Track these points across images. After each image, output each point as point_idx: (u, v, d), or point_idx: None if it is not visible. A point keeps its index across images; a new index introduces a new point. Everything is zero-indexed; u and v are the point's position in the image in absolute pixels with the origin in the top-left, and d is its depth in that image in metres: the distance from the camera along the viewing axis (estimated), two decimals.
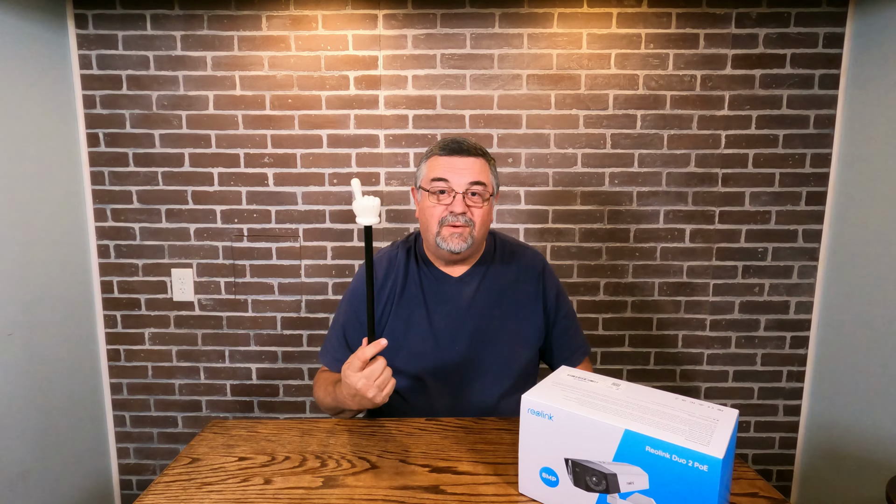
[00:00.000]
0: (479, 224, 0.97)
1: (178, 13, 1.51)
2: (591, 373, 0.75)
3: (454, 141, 0.98)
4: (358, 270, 1.10)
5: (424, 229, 1.00)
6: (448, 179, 0.95)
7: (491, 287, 1.04)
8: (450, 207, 0.95)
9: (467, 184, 0.95)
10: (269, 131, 1.56)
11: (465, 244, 0.96)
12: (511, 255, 1.08)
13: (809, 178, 1.57)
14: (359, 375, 0.82)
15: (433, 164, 0.98)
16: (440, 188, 0.96)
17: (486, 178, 0.97)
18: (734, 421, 0.61)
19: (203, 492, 0.72)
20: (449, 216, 0.95)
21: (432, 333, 1.01)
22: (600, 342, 1.65)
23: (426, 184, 0.98)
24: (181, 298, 1.63)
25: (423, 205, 0.99)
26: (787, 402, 1.66)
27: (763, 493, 0.70)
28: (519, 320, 1.04)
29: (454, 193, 0.95)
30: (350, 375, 0.83)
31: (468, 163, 0.96)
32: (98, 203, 1.59)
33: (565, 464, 0.64)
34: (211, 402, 1.68)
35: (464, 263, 1.04)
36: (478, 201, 0.96)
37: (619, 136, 1.56)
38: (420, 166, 1.02)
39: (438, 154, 0.98)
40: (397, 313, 1.02)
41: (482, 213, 0.97)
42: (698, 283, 1.62)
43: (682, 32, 1.52)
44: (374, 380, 0.82)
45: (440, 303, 1.02)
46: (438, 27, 1.51)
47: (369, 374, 0.82)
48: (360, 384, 0.82)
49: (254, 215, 1.60)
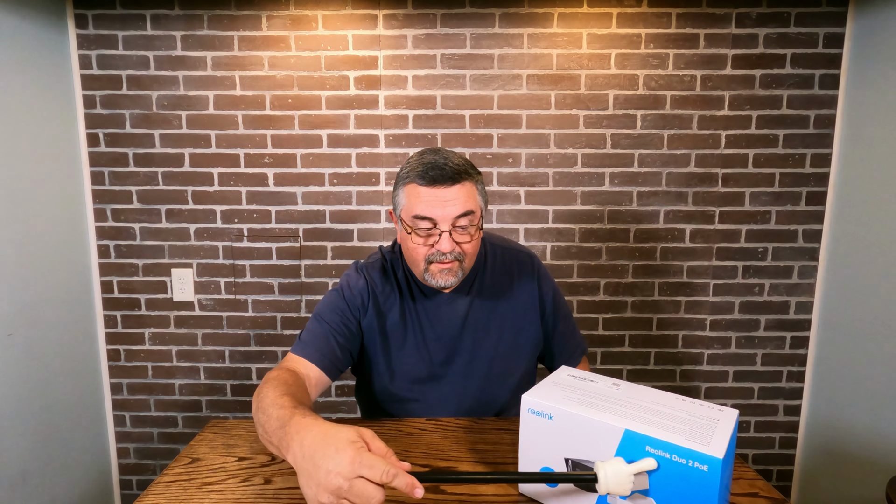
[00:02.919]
0: (470, 256, 0.89)
1: (178, 13, 1.51)
2: (591, 373, 0.75)
3: (434, 167, 0.83)
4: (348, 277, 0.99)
5: (410, 264, 0.91)
6: (432, 217, 0.83)
7: (484, 298, 0.98)
8: (437, 246, 0.85)
9: (453, 218, 0.84)
10: (269, 131, 1.56)
11: (454, 279, 0.88)
12: (503, 261, 1.01)
13: (809, 178, 1.57)
14: (354, 479, 0.53)
15: (412, 196, 0.85)
16: (425, 226, 0.85)
17: (473, 205, 0.86)
18: (734, 421, 0.61)
19: (203, 492, 0.72)
20: (436, 254, 0.86)
21: (428, 354, 0.96)
22: (600, 342, 1.65)
23: (407, 218, 0.86)
24: (181, 298, 1.63)
25: (406, 241, 0.88)
26: (787, 402, 1.66)
27: (763, 493, 0.70)
28: (516, 332, 0.99)
29: (439, 232, 0.84)
30: (347, 463, 0.53)
31: (452, 193, 0.83)
32: (98, 203, 1.59)
33: (565, 464, 0.64)
34: (211, 402, 1.68)
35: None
36: (465, 236, 0.86)
37: (619, 136, 1.56)
38: (397, 192, 0.89)
39: (417, 183, 0.84)
40: (391, 337, 0.96)
41: (473, 245, 0.88)
42: (698, 283, 1.62)
43: (682, 32, 1.52)
44: (351, 498, 0.53)
45: (433, 323, 0.96)
46: (438, 27, 1.51)
47: (353, 493, 0.53)
48: (335, 483, 0.53)
49: (254, 215, 1.60)
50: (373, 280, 0.96)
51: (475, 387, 0.98)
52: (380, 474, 0.53)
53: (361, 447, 0.55)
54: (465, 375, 0.97)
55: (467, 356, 0.97)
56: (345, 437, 0.56)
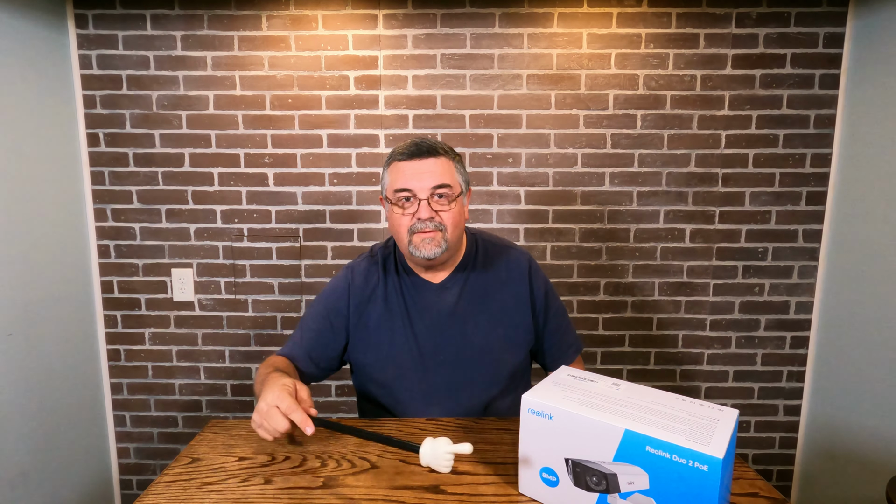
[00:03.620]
0: (452, 226, 0.94)
1: (178, 13, 1.51)
2: (590, 373, 0.75)
3: (413, 143, 0.94)
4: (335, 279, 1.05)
5: (397, 240, 0.98)
6: (410, 188, 0.92)
7: (474, 292, 1.01)
8: (416, 215, 0.92)
9: (430, 188, 0.91)
10: (269, 131, 1.56)
11: (438, 249, 0.93)
12: (495, 257, 1.04)
13: (809, 178, 1.57)
14: (271, 409, 0.74)
15: (395, 172, 0.94)
16: (404, 196, 0.93)
17: (450, 179, 0.93)
18: (734, 421, 0.61)
19: (203, 492, 0.72)
20: (417, 223, 0.92)
21: (416, 345, 0.99)
22: (600, 342, 1.65)
23: (390, 194, 0.95)
24: (181, 298, 1.63)
25: (390, 215, 0.96)
26: (787, 402, 1.66)
27: (763, 493, 0.70)
28: (506, 326, 1.01)
29: (418, 200, 0.92)
30: (271, 397, 0.75)
31: (429, 165, 0.92)
32: (98, 203, 1.59)
33: (565, 464, 0.64)
34: (211, 402, 1.68)
35: (444, 268, 1.01)
36: (444, 204, 0.93)
37: (619, 136, 1.56)
38: (383, 175, 0.98)
39: (398, 160, 0.94)
40: (379, 326, 1.00)
41: (452, 216, 0.93)
42: (698, 283, 1.62)
43: (682, 32, 1.52)
44: (265, 422, 0.75)
45: (422, 312, 0.99)
46: (438, 27, 1.51)
47: (271, 418, 0.74)
48: (262, 408, 0.75)
49: (254, 215, 1.60)
50: (353, 278, 1.03)
51: (464, 377, 0.99)
52: (285, 407, 0.73)
53: (287, 390, 0.76)
54: (454, 366, 0.99)
55: (455, 347, 0.99)
56: (281, 383, 0.77)
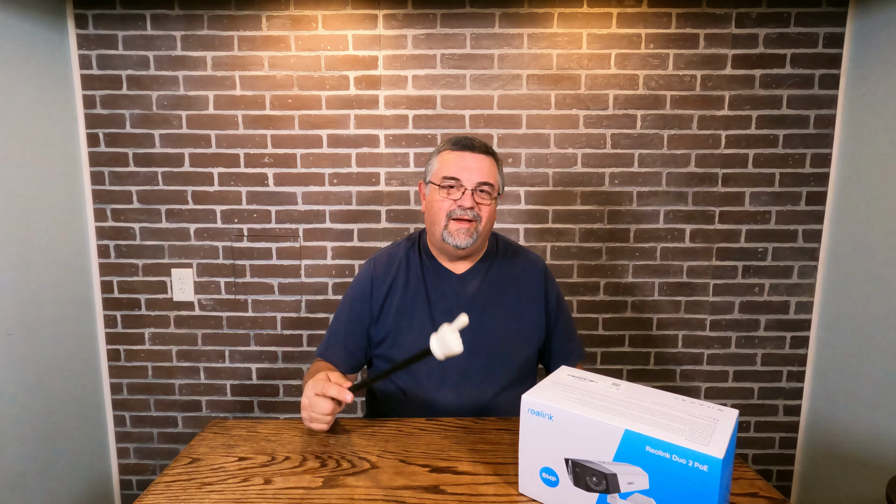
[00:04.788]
0: (485, 220, 1.00)
1: (178, 13, 1.51)
2: (590, 373, 0.75)
3: (466, 138, 1.01)
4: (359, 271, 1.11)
5: (431, 223, 1.02)
6: (458, 178, 0.98)
7: (493, 284, 1.05)
8: (459, 202, 0.97)
9: (476, 182, 0.98)
10: (269, 131, 1.56)
11: (470, 239, 0.98)
12: (513, 254, 1.11)
13: (809, 178, 1.57)
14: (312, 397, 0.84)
15: (444, 160, 1.00)
16: (450, 184, 0.98)
17: (493, 179, 1.00)
18: (734, 421, 0.61)
19: (203, 492, 0.72)
20: (457, 209, 0.97)
21: (433, 328, 1.00)
22: (600, 342, 1.65)
23: (436, 179, 1.00)
24: (181, 298, 1.63)
25: (432, 198, 1.01)
26: (787, 402, 1.66)
27: (763, 493, 0.70)
28: (521, 318, 1.05)
29: (463, 189, 0.97)
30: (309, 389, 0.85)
31: (478, 161, 0.99)
32: (98, 203, 1.59)
33: (565, 464, 0.64)
34: (211, 402, 1.68)
35: (467, 260, 1.06)
36: (486, 199, 0.99)
37: (619, 136, 1.56)
38: (430, 161, 1.05)
39: (450, 149, 1.01)
40: (400, 307, 1.03)
41: (488, 211, 1.00)
42: (698, 283, 1.62)
43: (682, 32, 1.52)
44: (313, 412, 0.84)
45: (442, 298, 1.03)
46: (438, 27, 1.51)
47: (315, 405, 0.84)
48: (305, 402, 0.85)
49: (254, 215, 1.60)
50: (374, 267, 1.07)
51: (479, 364, 1.01)
52: (319, 388, 0.83)
53: (320, 377, 0.85)
54: (470, 353, 0.99)
55: (473, 334, 1.00)
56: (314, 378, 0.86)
